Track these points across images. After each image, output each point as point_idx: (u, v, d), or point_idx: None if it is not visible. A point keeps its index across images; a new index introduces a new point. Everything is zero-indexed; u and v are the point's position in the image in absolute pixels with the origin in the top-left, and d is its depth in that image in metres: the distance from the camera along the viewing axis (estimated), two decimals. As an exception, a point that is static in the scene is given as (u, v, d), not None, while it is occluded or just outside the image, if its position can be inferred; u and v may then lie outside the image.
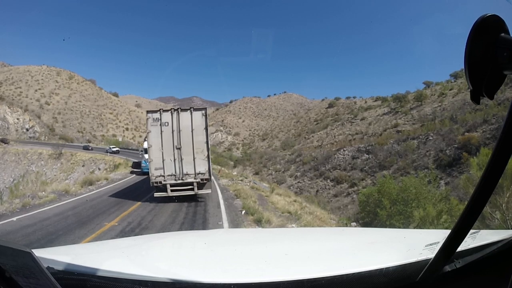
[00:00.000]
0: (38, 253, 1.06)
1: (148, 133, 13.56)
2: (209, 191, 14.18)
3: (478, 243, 1.25)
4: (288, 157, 55.84)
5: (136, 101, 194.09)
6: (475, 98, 0.80)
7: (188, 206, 12.57)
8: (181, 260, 1.77)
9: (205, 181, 13.66)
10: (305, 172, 46.86)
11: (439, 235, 1.37)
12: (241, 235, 2.92)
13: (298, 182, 45.31)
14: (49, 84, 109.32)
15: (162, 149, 13.24)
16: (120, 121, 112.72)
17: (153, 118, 13.37)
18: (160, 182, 13.32)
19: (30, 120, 67.92)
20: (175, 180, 13.36)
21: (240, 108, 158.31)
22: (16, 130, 63.43)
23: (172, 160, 13.31)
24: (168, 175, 13.30)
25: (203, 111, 13.67)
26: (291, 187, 43.68)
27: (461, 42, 0.80)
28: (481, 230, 1.46)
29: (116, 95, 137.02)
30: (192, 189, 13.39)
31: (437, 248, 1.08)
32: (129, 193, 16.19)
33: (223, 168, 38.66)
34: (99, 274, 1.26)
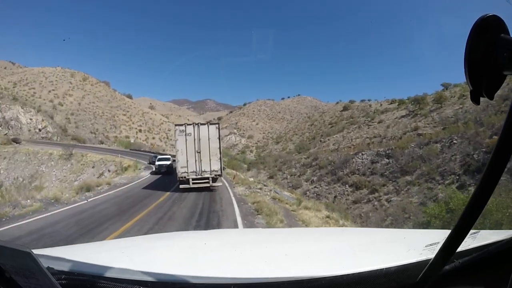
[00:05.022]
0: (38, 253, 1.09)
1: (175, 141, 17.87)
2: (220, 184, 18.77)
3: (478, 243, 1.24)
4: (304, 161, 54.38)
5: (150, 104, 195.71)
6: (475, 98, 0.82)
7: (196, 226, 10.62)
8: (181, 260, 1.74)
9: (217, 176, 18.01)
10: (321, 176, 45.24)
11: (439, 235, 1.37)
12: (241, 236, 2.89)
13: (315, 187, 43.78)
14: (63, 85, 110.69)
15: (186, 152, 17.42)
16: (133, 123, 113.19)
17: (180, 130, 17.71)
18: (184, 177, 17.36)
19: (43, 120, 67.81)
20: (196, 175, 17.45)
21: (254, 111, 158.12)
22: (29, 130, 63.47)
23: (194, 160, 17.37)
24: (191, 172, 17.39)
25: (217, 125, 18.36)
26: (307, 192, 42.42)
27: (461, 42, 0.81)
28: (481, 230, 1.44)
29: (130, 96, 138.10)
30: (208, 182, 17.47)
31: (437, 248, 1.06)
32: (129, 204, 14.14)
33: (238, 173, 34.87)
34: (99, 274, 1.26)
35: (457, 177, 28.61)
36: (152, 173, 29.31)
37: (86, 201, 14.57)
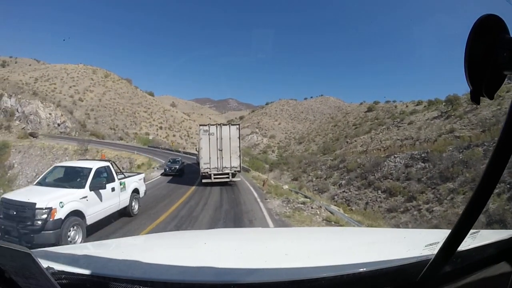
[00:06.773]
0: (38, 253, 1.11)
1: (199, 139, 19.53)
2: (239, 179, 20.40)
3: (478, 243, 1.25)
4: (330, 163, 51.70)
5: (172, 102, 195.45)
6: (475, 98, 0.82)
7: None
8: (181, 260, 1.73)
9: (236, 172, 19.77)
10: (350, 180, 42.28)
11: (439, 235, 1.38)
12: (241, 235, 2.84)
13: (343, 191, 40.93)
14: (84, 81, 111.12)
15: (209, 150, 19.04)
16: (154, 120, 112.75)
17: (203, 130, 19.37)
18: (207, 172, 19.07)
19: (62, 115, 67.80)
20: (217, 171, 19.13)
21: (276, 111, 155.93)
22: (48, 125, 63.81)
23: (216, 158, 19.05)
24: (213, 168, 19.08)
25: (237, 126, 20.26)
26: (335, 197, 39.86)
27: (461, 42, 0.82)
28: (481, 230, 1.44)
29: (151, 94, 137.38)
30: (228, 177, 19.29)
31: (437, 248, 1.07)
32: (115, 224, 9.79)
33: (268, 178, 26.62)
34: (99, 274, 1.26)
35: (508, 185, 25.31)
36: (163, 174, 25.96)
37: None
